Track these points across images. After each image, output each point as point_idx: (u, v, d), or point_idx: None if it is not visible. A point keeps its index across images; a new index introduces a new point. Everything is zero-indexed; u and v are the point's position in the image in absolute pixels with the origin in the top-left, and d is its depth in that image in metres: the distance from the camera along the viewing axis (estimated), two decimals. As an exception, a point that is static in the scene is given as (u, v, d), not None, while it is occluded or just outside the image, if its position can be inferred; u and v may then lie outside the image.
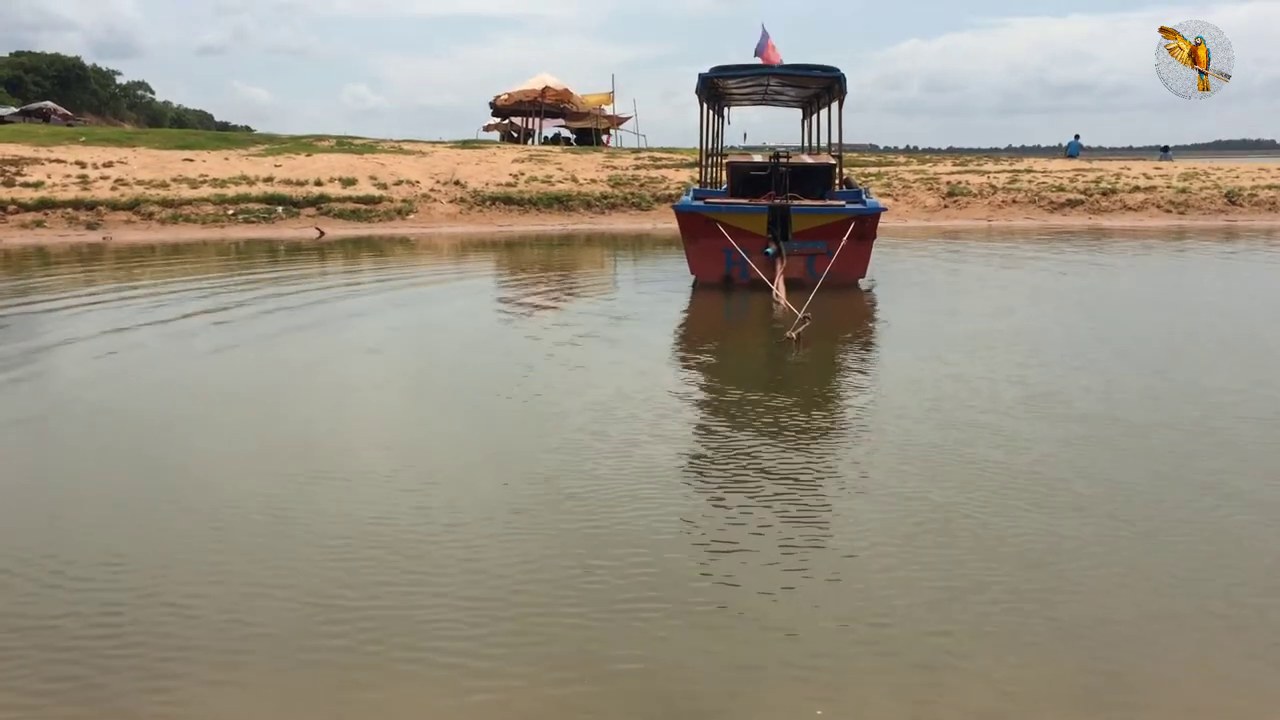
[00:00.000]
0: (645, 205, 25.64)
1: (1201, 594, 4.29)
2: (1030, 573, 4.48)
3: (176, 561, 4.67)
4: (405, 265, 17.65)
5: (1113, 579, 4.43)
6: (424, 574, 4.50)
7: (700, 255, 13.75)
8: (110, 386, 8.27)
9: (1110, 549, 4.73)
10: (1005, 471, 5.75)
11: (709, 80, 15.09)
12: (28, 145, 25.81)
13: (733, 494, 5.49)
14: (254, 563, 4.64)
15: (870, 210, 13.77)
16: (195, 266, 16.89)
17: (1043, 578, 4.43)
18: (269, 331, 10.67)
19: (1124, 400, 7.41)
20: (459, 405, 7.65)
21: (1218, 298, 13.83)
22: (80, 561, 4.67)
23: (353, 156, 28.04)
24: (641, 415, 6.97)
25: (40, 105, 54.77)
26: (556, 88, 41.23)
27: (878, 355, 9.73)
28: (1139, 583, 4.40)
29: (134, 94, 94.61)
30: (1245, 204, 27.00)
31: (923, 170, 30.62)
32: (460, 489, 5.62)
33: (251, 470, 6.02)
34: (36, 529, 5.12)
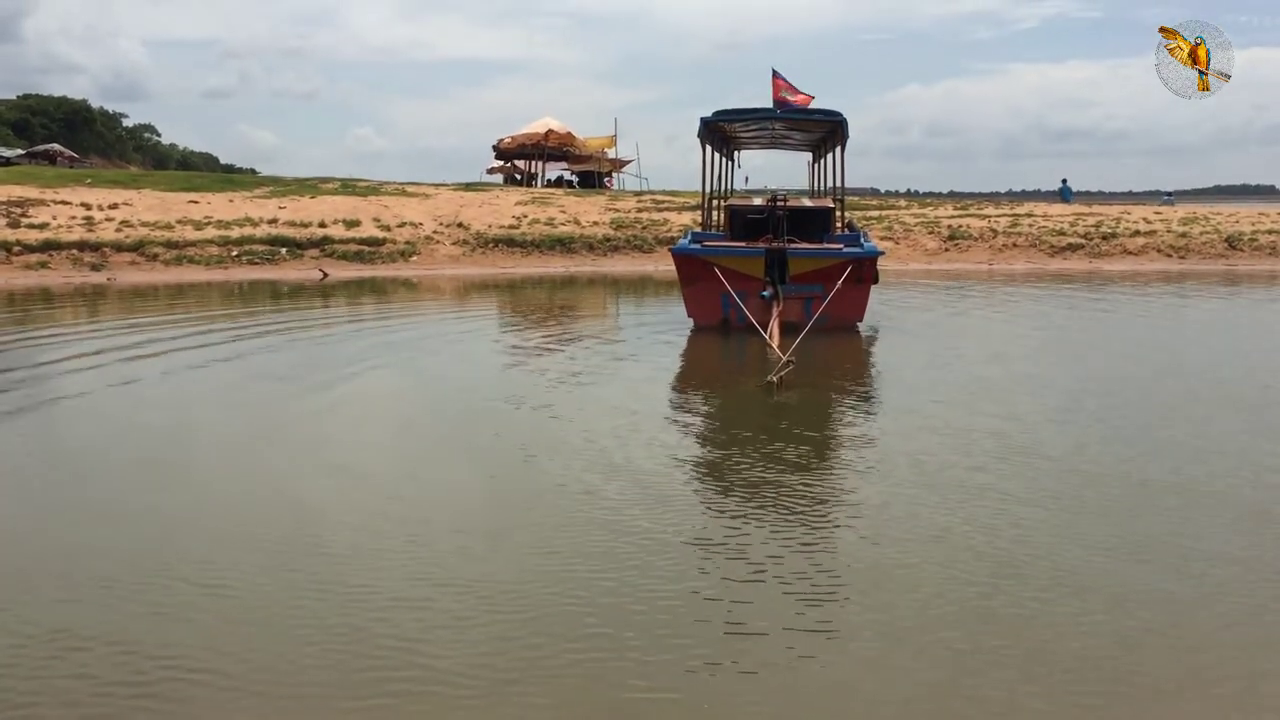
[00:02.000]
0: (647, 248, 25.71)
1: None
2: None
3: (174, 626, 4.61)
4: (407, 307, 17.68)
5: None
6: (425, 630, 4.45)
7: (698, 298, 13.71)
8: (99, 429, 8.27)
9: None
10: (975, 533, 5.47)
11: (712, 124, 15.15)
12: (34, 187, 25.96)
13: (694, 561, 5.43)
14: (243, 615, 4.60)
15: (867, 254, 13.74)
16: (197, 308, 16.91)
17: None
18: (262, 373, 10.57)
19: (1102, 457, 7.12)
20: (454, 453, 7.59)
21: (1217, 346, 13.80)
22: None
23: (356, 199, 28.19)
24: (618, 467, 6.87)
25: (47, 147, 55.10)
26: (559, 131, 41.53)
27: (858, 405, 9.42)
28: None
29: (140, 136, 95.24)
30: (1245, 249, 27.06)
31: (923, 214, 30.73)
32: (457, 541, 5.57)
33: (239, 522, 5.98)
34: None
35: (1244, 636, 4.37)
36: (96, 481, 6.75)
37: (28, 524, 5.86)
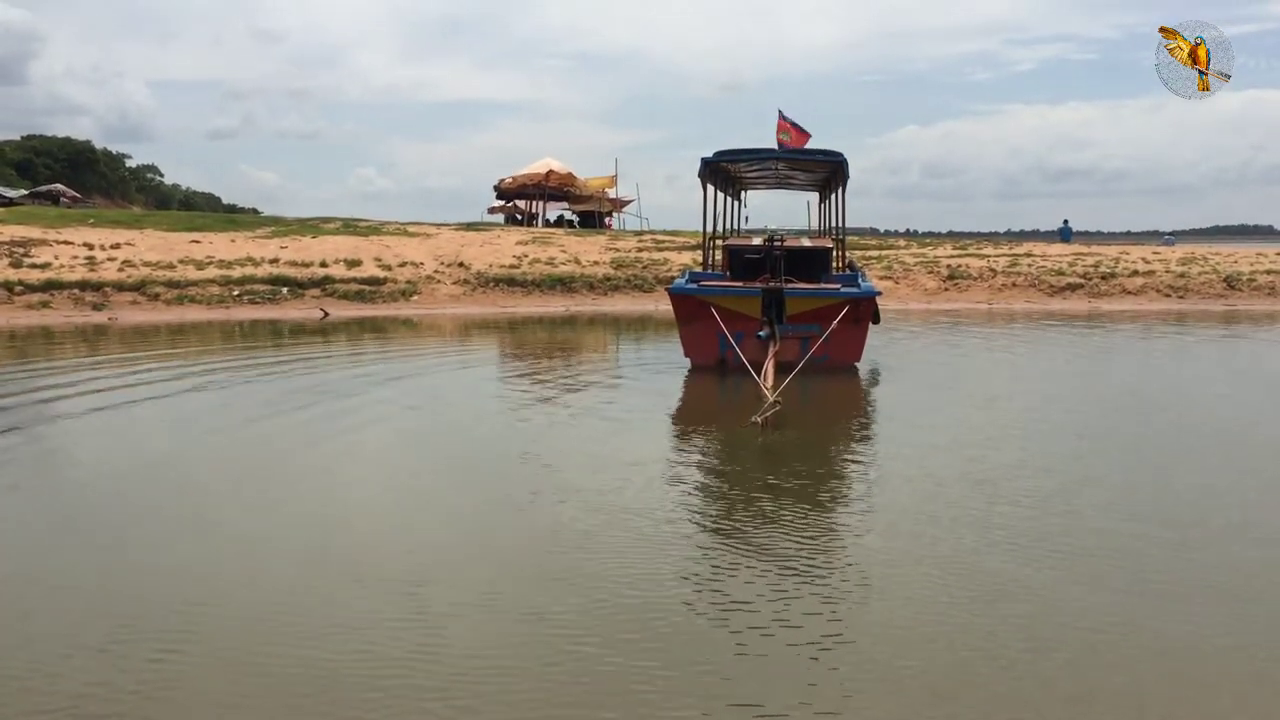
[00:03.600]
0: (647, 287, 25.78)
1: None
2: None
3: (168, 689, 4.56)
4: (407, 346, 17.68)
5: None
6: (423, 672, 4.40)
7: (695, 338, 13.71)
8: (94, 468, 8.23)
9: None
10: (941, 587, 5.35)
11: (713, 164, 15.23)
12: (36, 227, 26.07)
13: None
14: (237, 661, 4.55)
15: (865, 294, 13.74)
16: (197, 347, 16.90)
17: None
18: (255, 416, 10.45)
19: (1091, 508, 6.97)
20: (450, 496, 7.53)
21: (1217, 389, 13.78)
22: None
23: (358, 239, 28.30)
24: (611, 512, 6.81)
25: (50, 188, 55.32)
26: (560, 171, 41.79)
27: (848, 450, 9.21)
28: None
29: (143, 177, 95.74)
30: (1244, 289, 27.15)
31: (923, 254, 30.85)
32: (453, 585, 5.53)
33: (234, 565, 5.94)
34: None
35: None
36: (78, 530, 6.70)
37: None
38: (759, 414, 9.40)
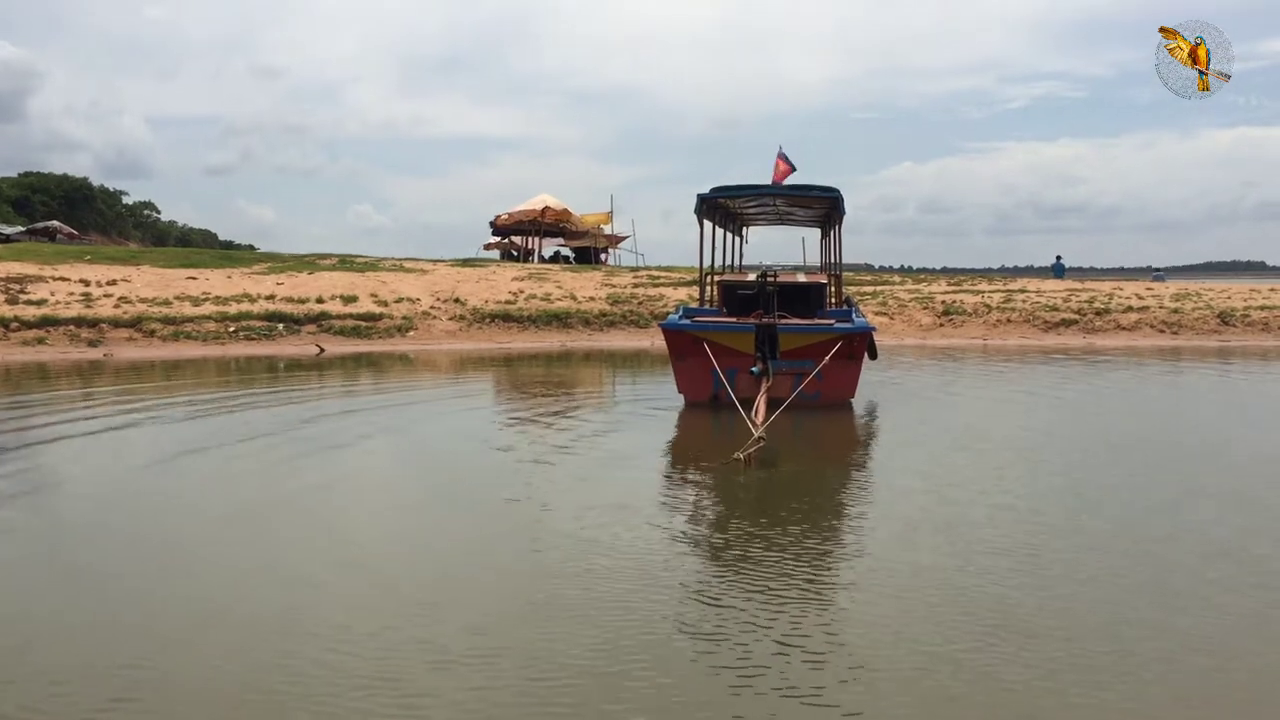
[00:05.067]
0: (643, 323, 25.83)
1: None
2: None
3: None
4: (402, 382, 17.65)
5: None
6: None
7: (688, 374, 13.67)
8: (88, 506, 8.18)
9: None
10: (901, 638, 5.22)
11: (713, 200, 15.26)
12: (33, 263, 26.13)
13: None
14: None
15: (859, 329, 13.72)
16: (192, 384, 16.86)
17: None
18: (245, 453, 10.37)
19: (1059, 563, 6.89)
20: (444, 535, 7.44)
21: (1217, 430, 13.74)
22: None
23: (354, 274, 28.39)
24: (605, 553, 6.80)
25: (47, 224, 55.52)
26: (556, 207, 42.03)
27: (827, 490, 9.03)
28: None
29: (140, 213, 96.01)
30: (1238, 324, 27.25)
31: (918, 289, 30.97)
32: (447, 621, 5.48)
33: (228, 606, 5.89)
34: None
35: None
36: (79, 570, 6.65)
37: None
38: (742, 450, 9.36)
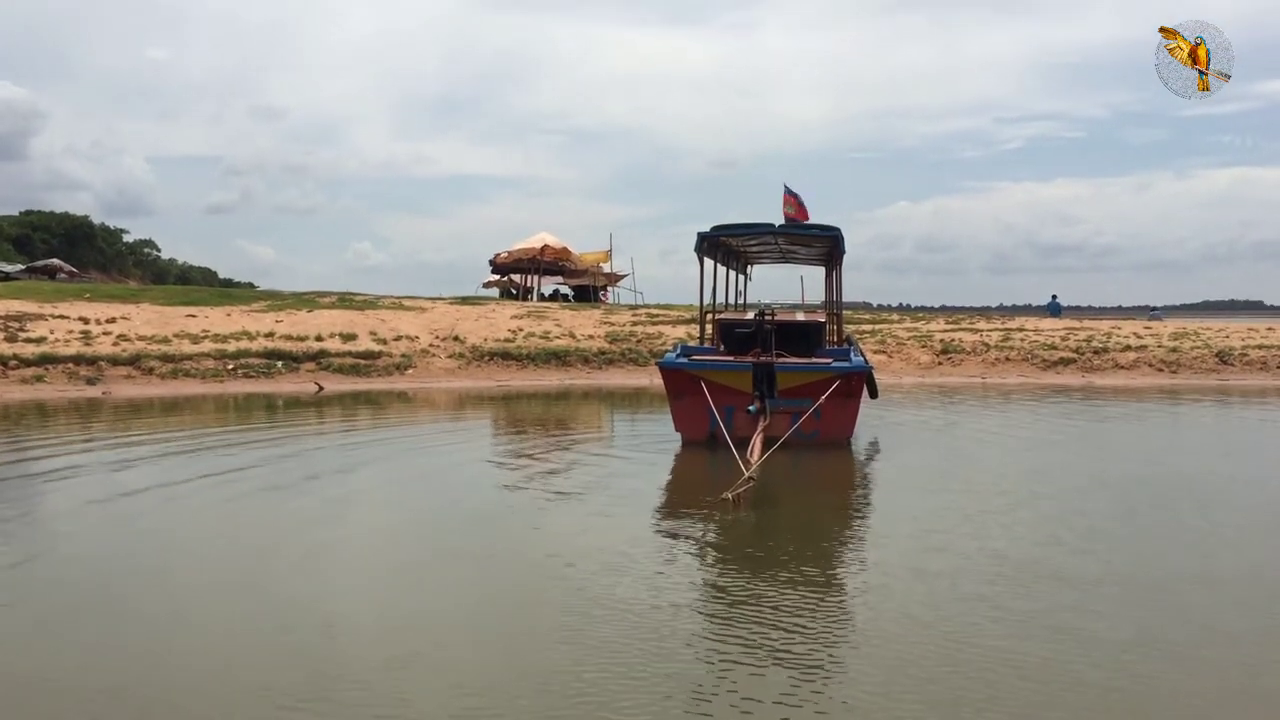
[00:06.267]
0: (642, 361, 25.82)
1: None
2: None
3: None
4: (400, 421, 17.62)
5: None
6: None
7: (685, 413, 13.63)
8: (77, 547, 8.14)
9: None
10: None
11: (713, 238, 15.28)
12: (32, 301, 26.16)
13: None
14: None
15: (856, 369, 13.72)
16: (191, 422, 16.83)
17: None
18: (245, 495, 10.31)
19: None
20: (441, 585, 7.32)
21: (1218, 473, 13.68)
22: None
23: (353, 313, 28.42)
24: (602, 600, 6.76)
25: (47, 262, 55.72)
26: (555, 245, 42.17)
27: (818, 533, 8.88)
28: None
29: (140, 251, 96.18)
30: (1237, 363, 27.25)
31: (916, 328, 31.02)
32: (447, 667, 5.44)
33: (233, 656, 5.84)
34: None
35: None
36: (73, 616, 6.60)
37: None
38: (731, 490, 9.32)
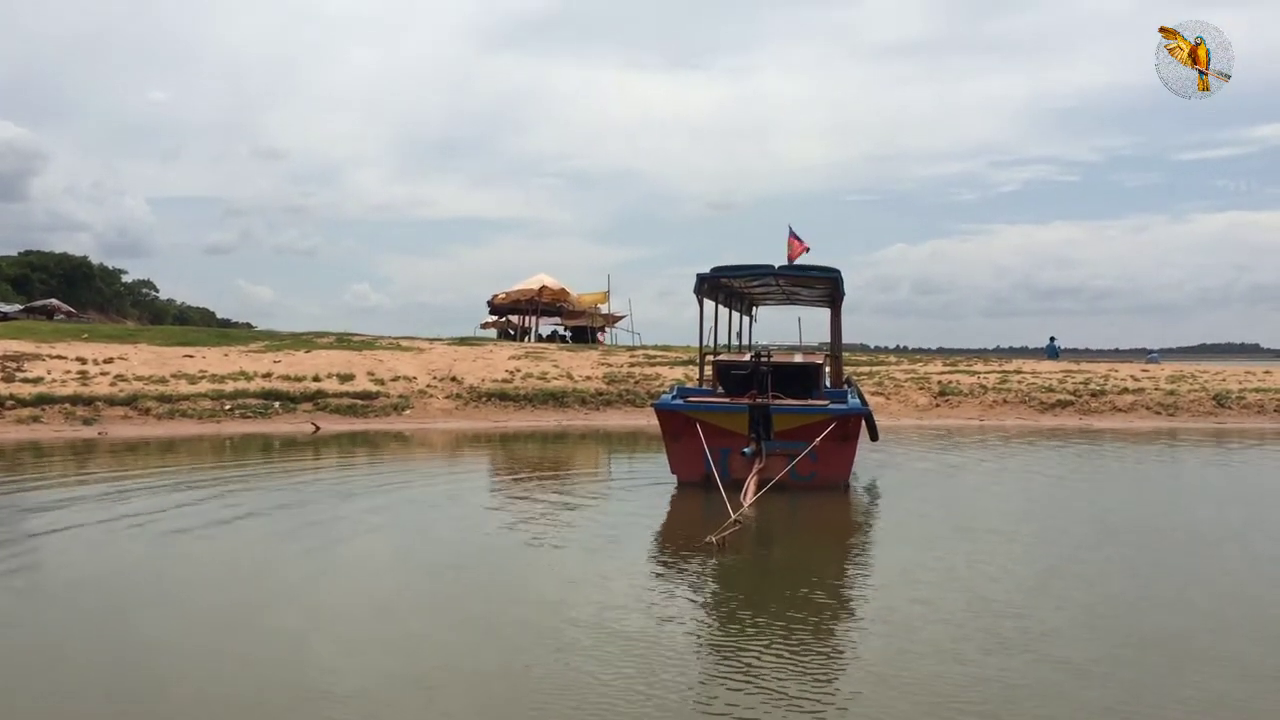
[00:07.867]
0: (639, 402, 25.78)
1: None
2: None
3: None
4: (397, 462, 17.56)
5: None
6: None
7: (681, 454, 13.58)
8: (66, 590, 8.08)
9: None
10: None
11: (714, 280, 15.29)
12: (30, 342, 26.14)
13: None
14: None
15: (853, 411, 13.68)
16: (187, 463, 16.76)
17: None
18: (240, 537, 10.27)
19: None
20: (437, 625, 7.28)
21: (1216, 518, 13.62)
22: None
23: (351, 353, 28.42)
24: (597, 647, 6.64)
25: (45, 303, 55.83)
26: (553, 287, 42.29)
27: (796, 576, 8.77)
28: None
29: (138, 292, 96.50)
30: (1234, 406, 27.25)
31: (913, 370, 31.04)
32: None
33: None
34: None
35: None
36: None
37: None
38: (716, 534, 9.26)
